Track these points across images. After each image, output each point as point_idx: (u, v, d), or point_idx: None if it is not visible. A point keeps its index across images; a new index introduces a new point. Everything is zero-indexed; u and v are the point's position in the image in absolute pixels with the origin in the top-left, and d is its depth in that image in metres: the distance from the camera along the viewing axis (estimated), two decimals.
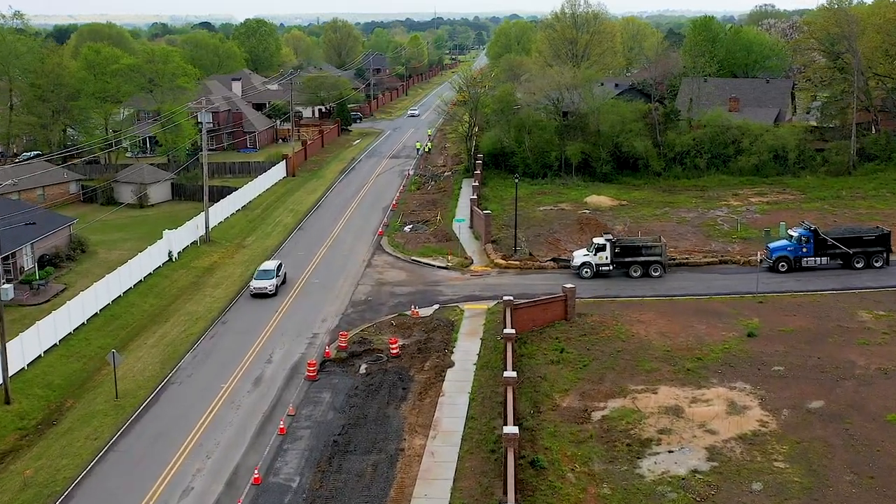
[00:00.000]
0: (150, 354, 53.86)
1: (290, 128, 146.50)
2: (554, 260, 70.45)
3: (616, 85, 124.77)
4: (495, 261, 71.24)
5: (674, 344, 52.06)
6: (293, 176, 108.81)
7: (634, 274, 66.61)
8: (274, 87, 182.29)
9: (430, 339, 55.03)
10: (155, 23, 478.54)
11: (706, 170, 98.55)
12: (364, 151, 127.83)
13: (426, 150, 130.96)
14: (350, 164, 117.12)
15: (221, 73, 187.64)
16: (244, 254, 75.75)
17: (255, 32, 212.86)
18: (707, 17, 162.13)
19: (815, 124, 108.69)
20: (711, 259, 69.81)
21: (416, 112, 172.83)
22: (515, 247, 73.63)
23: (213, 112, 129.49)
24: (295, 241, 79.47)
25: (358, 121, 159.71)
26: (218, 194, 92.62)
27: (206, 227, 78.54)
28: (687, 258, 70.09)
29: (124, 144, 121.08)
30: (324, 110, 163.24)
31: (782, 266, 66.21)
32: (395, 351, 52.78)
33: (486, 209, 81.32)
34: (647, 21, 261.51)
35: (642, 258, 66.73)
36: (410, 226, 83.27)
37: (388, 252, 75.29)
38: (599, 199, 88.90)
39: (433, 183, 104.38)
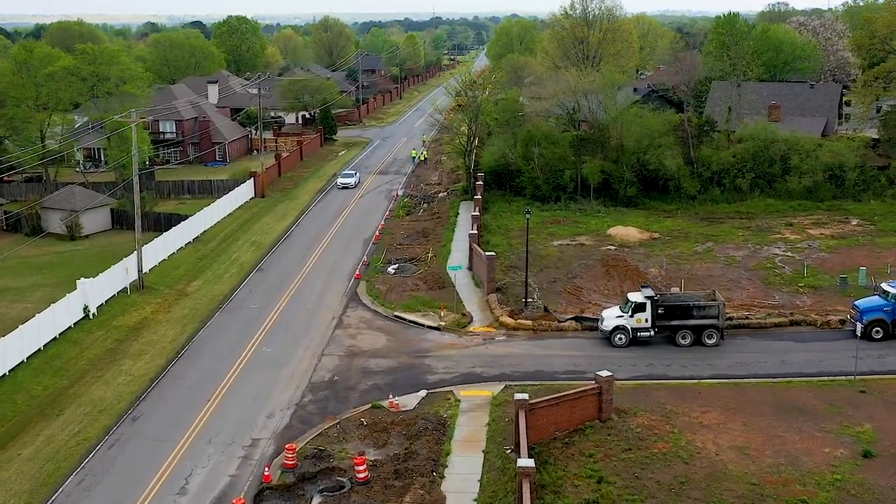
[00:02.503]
0: (21, 476, 38.23)
1: (270, 137, 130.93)
2: (577, 319, 54.88)
3: (635, 89, 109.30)
4: (501, 319, 55.68)
5: (759, 470, 36.46)
6: (262, 197, 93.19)
7: (683, 342, 51.06)
8: (254, 90, 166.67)
9: (412, 451, 39.41)
10: (148, 22, 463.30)
11: (749, 192, 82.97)
12: (348, 166, 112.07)
13: (422, 158, 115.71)
14: (330, 183, 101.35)
15: (198, 74, 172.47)
16: (185, 305, 60.12)
17: (237, 31, 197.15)
18: (731, 15, 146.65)
19: (875, 136, 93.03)
20: (779, 319, 54.26)
21: (351, 182, 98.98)
22: (526, 299, 58.11)
23: (176, 120, 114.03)
24: (251, 287, 63.82)
25: (333, 138, 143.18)
26: (167, 223, 77.08)
27: (140, 271, 62.87)
28: (747, 317, 54.54)
29: (77, 158, 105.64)
30: (308, 117, 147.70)
31: (877, 332, 50.66)
32: (362, 475, 37.22)
33: (489, 250, 65.94)
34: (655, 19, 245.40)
35: (693, 321, 51.21)
36: (395, 265, 67.72)
37: (365, 304, 59.73)
38: (626, 231, 73.28)
39: (426, 206, 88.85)
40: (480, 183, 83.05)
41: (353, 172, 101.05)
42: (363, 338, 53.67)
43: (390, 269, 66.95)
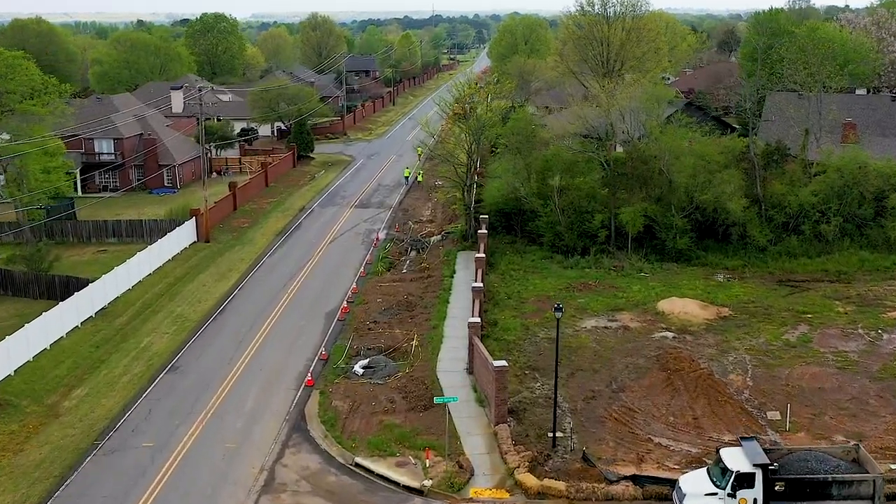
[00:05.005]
0: None
1: (235, 156, 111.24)
2: (634, 480, 35.26)
3: (668, 102, 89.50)
4: (518, 475, 36.08)
5: None
6: (207, 242, 73.43)
7: None
8: (226, 97, 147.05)
9: None
10: (138, 20, 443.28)
11: (836, 242, 63.29)
12: (321, 195, 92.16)
13: (417, 178, 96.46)
14: (296, 220, 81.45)
15: (163, 79, 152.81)
16: (44, 441, 40.34)
17: (212, 29, 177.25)
18: (775, 10, 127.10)
19: None
20: None
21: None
22: (554, 433, 38.53)
23: (115, 139, 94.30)
24: (152, 404, 43.98)
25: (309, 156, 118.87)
26: (63, 289, 57.39)
27: None
28: (892, 470, 35.00)
29: None
30: (284, 128, 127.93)
31: None
32: None
33: (495, 335, 46.44)
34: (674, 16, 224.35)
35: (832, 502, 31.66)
36: (365, 362, 47.98)
37: (313, 438, 40.09)
38: (683, 304, 53.49)
39: (414, 255, 69.19)
40: (484, 231, 63.10)
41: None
42: None
43: (357, 368, 47.23)
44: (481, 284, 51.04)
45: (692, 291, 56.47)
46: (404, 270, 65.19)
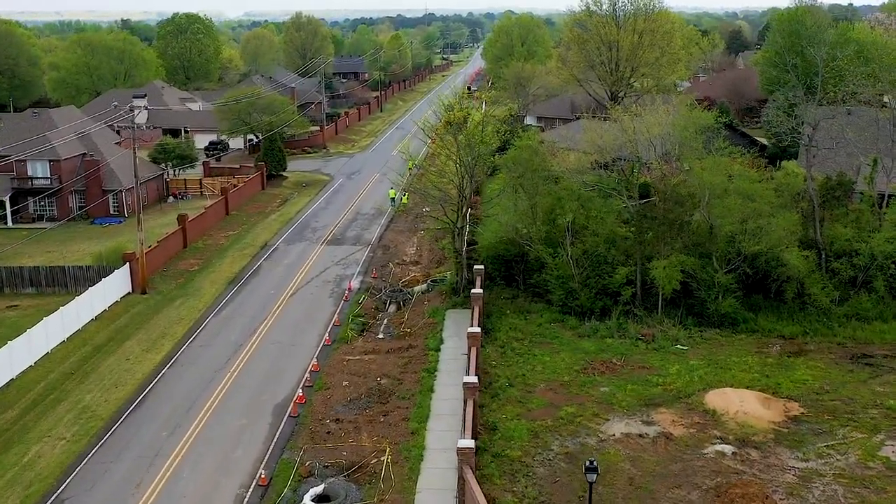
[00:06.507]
0: None
1: (188, 178, 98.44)
2: None
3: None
4: None
5: None
6: (143, 293, 60.65)
7: None
8: (195, 105, 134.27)
9: None
10: (126, 19, 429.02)
11: None
12: (289, 226, 79.42)
13: (402, 201, 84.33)
14: (255, 260, 68.68)
15: (128, 86, 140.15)
16: None
17: (185, 31, 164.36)
18: (800, 9, 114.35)
19: None
20: None
21: None
22: None
23: (51, 161, 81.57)
24: None
25: (282, 175, 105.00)
26: None
27: None
28: None
29: None
30: (256, 141, 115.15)
31: None
32: None
33: (494, 447, 34.26)
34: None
35: None
36: (319, 490, 35.34)
37: None
38: (741, 401, 40.81)
39: (393, 311, 56.66)
40: (479, 291, 50.27)
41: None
42: None
43: (307, 501, 34.72)
44: (475, 379, 38.36)
45: (746, 374, 44.00)
46: (380, 336, 52.53)
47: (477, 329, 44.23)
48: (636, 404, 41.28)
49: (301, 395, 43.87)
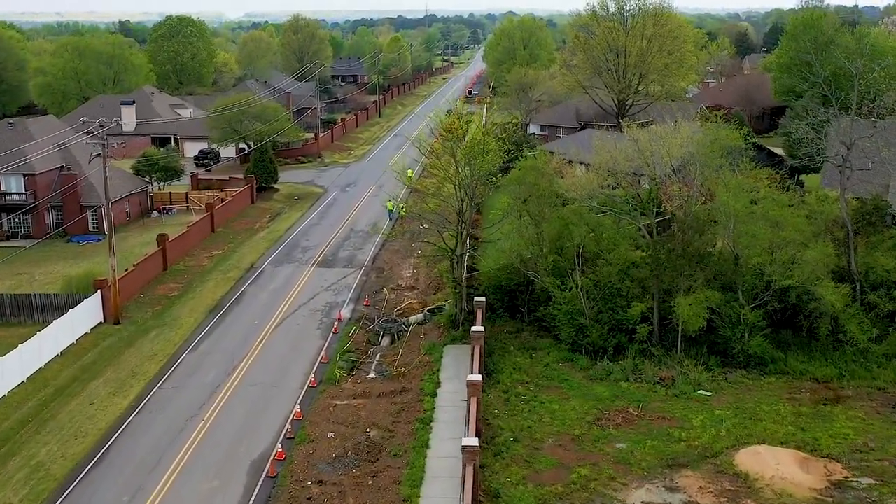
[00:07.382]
0: None
1: (174, 191, 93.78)
2: None
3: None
4: None
5: None
6: (116, 323, 55.96)
7: None
8: (187, 111, 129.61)
9: None
10: (123, 20, 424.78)
11: None
12: (277, 246, 74.64)
13: (399, 212, 79.74)
14: (239, 285, 63.88)
15: (117, 91, 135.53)
16: None
17: (178, 34, 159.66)
18: (816, 13, 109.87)
19: None
20: None
21: None
22: None
23: (25, 175, 76.94)
24: None
25: (273, 187, 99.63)
26: None
27: None
28: None
29: None
30: (248, 150, 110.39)
31: None
32: None
33: None
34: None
35: None
36: None
37: None
38: (776, 463, 36.06)
39: (386, 344, 51.97)
40: (480, 329, 45.46)
41: None
42: None
43: None
44: (476, 442, 33.62)
45: (779, 427, 39.28)
46: (371, 375, 47.81)
47: (477, 377, 39.46)
48: (657, 465, 36.55)
49: (280, 450, 39.12)
